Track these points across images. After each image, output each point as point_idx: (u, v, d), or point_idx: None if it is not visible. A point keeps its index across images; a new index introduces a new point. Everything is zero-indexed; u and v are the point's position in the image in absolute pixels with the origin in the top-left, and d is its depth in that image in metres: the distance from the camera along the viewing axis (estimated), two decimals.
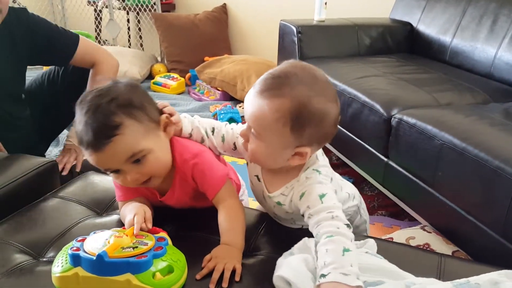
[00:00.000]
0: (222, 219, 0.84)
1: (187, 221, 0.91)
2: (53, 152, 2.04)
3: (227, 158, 1.07)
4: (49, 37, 1.47)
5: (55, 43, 1.48)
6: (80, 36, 1.55)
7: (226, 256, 0.76)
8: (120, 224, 0.89)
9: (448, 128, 1.31)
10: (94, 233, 0.76)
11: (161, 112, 0.87)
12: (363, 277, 0.71)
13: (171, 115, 0.88)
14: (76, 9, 3.78)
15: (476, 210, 1.22)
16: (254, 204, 1.12)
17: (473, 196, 1.23)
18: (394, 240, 1.37)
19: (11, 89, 1.48)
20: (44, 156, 1.79)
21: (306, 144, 0.79)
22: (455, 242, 1.34)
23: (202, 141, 0.93)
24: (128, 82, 0.83)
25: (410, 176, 1.45)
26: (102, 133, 0.74)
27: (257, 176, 0.91)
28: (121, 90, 0.79)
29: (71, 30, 1.60)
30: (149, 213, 0.82)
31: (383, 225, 1.61)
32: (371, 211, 1.71)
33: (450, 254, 1.28)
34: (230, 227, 0.82)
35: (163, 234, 0.78)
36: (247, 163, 0.95)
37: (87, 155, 0.78)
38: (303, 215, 0.80)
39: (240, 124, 0.96)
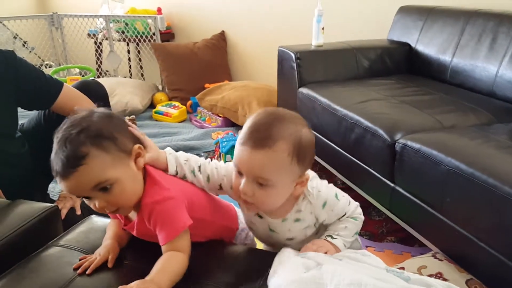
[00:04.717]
0: (160, 261, 0.83)
1: (147, 253, 0.89)
2: (56, 188, 2.03)
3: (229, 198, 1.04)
4: (33, 82, 1.49)
5: (39, 88, 1.50)
6: (65, 84, 1.58)
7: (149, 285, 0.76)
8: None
9: (454, 152, 1.29)
10: None
11: (136, 141, 0.88)
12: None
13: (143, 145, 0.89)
14: (76, 42, 3.82)
15: (487, 236, 1.19)
16: (260, 245, 1.09)
17: (484, 222, 1.20)
18: (405, 271, 1.33)
19: (2, 129, 1.48)
20: (47, 191, 1.79)
21: (305, 170, 0.88)
22: (468, 270, 1.30)
23: (186, 179, 0.95)
24: (103, 113, 0.86)
25: (418, 201, 1.42)
26: (69, 163, 0.78)
27: (258, 214, 0.96)
28: (92, 121, 0.83)
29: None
30: (112, 255, 0.89)
31: (393, 252, 1.58)
32: (380, 237, 1.68)
33: (464, 283, 1.25)
34: (162, 268, 0.81)
35: None
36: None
37: (58, 183, 0.81)
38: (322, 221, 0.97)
39: (223, 163, 0.98)
